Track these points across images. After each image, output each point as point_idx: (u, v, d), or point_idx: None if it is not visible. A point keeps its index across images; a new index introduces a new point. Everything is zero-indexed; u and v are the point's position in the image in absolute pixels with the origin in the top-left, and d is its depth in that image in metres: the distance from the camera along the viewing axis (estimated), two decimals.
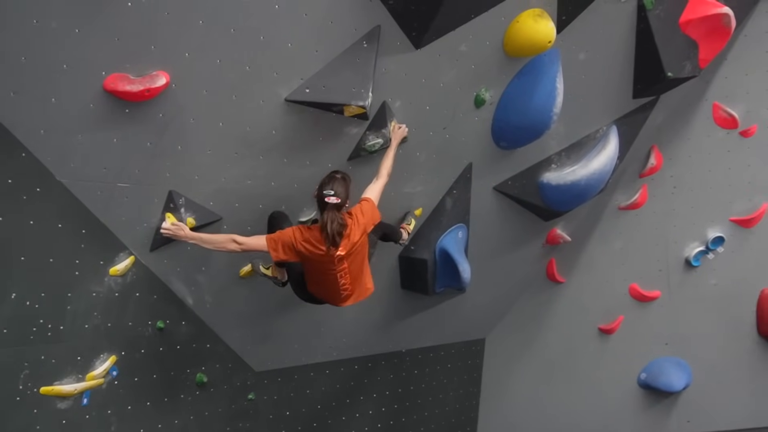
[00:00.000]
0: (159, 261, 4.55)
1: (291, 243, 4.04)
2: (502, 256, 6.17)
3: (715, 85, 6.13)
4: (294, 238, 4.05)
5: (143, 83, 3.80)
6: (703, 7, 5.32)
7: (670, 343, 6.82)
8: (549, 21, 4.71)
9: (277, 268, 4.73)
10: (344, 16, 4.17)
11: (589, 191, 5.75)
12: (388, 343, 6.18)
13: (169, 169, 4.22)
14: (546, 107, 5.07)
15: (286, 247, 4.05)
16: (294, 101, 4.26)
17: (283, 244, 4.05)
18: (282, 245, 4.05)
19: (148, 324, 4.70)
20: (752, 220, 6.48)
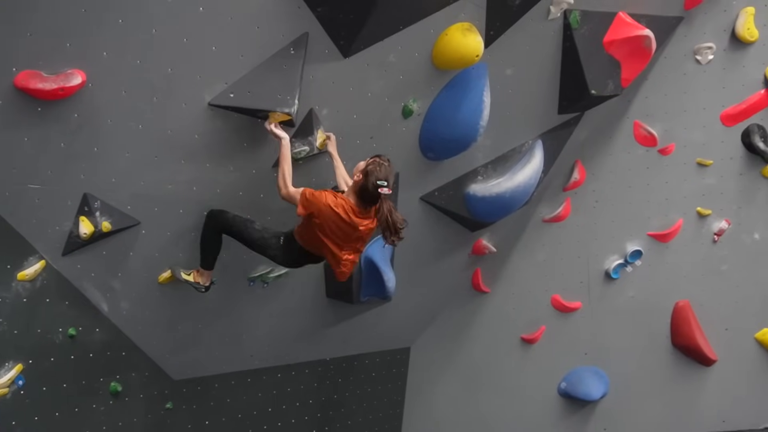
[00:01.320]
0: (72, 266, 4.37)
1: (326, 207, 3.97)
2: (428, 266, 6.20)
3: (637, 104, 6.34)
4: (330, 203, 3.99)
5: (57, 81, 3.65)
6: (626, 28, 5.50)
7: (589, 353, 6.99)
8: (477, 35, 4.77)
9: (200, 273, 4.60)
10: (271, 22, 4.12)
11: (514, 203, 5.84)
12: (312, 352, 6.12)
13: (84, 171, 4.07)
14: (473, 120, 5.13)
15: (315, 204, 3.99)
16: (218, 106, 4.18)
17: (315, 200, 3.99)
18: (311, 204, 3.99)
19: (58, 331, 4.50)
20: (668, 235, 6.72)
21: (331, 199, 4.03)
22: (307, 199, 4.02)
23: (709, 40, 6.24)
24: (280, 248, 4.32)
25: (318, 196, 4.02)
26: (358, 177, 4.04)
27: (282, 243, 4.32)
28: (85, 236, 4.20)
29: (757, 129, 6.46)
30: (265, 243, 4.33)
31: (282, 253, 4.34)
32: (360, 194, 4.03)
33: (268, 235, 4.35)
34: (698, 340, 6.86)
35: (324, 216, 4.01)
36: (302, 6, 4.17)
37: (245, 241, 4.40)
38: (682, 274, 6.84)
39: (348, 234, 4.11)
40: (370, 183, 3.95)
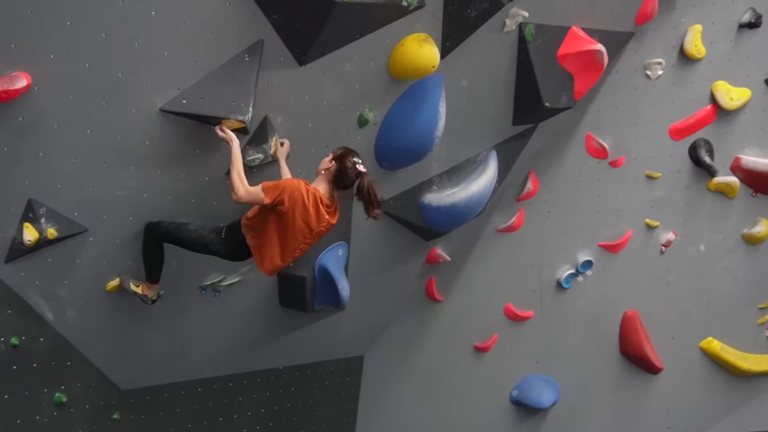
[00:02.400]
0: (15, 273, 4.24)
1: (298, 191, 3.99)
2: (382, 274, 6.20)
3: (589, 116, 6.45)
4: (302, 189, 4.01)
5: (0, 84, 3.54)
6: (578, 42, 5.59)
7: (540, 361, 7.08)
8: (433, 46, 4.80)
9: (148, 286, 4.53)
10: (225, 28, 4.07)
11: (468, 213, 5.89)
12: (264, 360, 6.05)
13: (29, 176, 3.95)
14: (428, 130, 5.16)
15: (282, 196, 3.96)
16: (170, 111, 4.10)
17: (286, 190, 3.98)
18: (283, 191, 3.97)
19: (0, 340, 4.36)
20: (618, 245, 6.85)
21: (304, 185, 4.08)
22: (278, 186, 4.01)
23: (659, 55, 6.39)
24: (222, 241, 4.28)
25: (289, 181, 4.06)
26: (330, 164, 4.17)
27: (224, 235, 4.28)
28: (30, 243, 4.08)
29: (703, 143, 6.65)
30: (205, 240, 4.29)
31: (225, 246, 4.29)
32: (337, 179, 4.17)
33: (205, 232, 4.31)
34: (645, 348, 7.02)
35: (295, 201, 4.00)
36: (257, 13, 4.13)
37: (185, 244, 4.36)
38: (630, 284, 6.98)
39: (310, 227, 4.13)
40: (348, 163, 4.14)
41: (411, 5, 4.53)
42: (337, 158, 4.18)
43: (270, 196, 3.98)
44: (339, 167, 4.16)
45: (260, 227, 4.17)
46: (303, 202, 4.04)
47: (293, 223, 4.09)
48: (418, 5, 4.60)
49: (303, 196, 4.04)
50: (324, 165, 4.23)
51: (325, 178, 4.22)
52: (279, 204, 4.00)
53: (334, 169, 4.18)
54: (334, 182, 4.20)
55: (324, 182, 4.22)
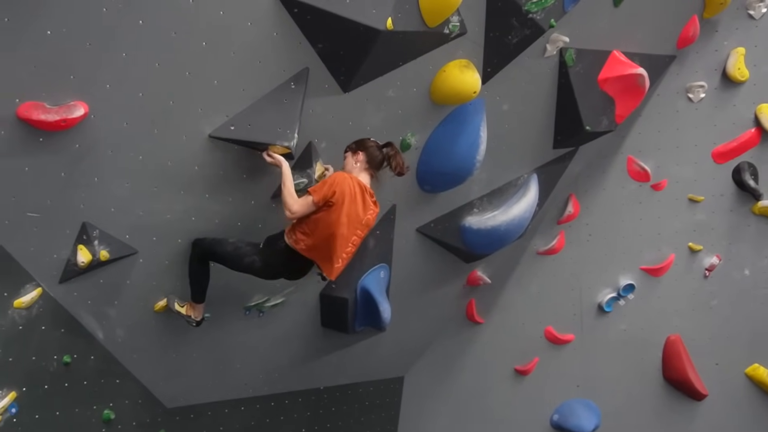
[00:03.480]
0: (68, 294, 4.38)
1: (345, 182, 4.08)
2: (423, 296, 6.23)
3: (630, 139, 6.43)
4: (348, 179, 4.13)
5: (60, 113, 3.68)
6: (619, 66, 5.60)
7: (581, 385, 6.99)
8: (475, 72, 4.85)
9: (192, 306, 4.63)
10: (273, 57, 4.18)
11: (508, 236, 5.89)
12: (305, 380, 6.11)
13: (84, 200, 4.10)
14: (469, 154, 5.20)
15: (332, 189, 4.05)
16: (218, 138, 4.22)
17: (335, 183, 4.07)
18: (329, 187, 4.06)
19: (53, 359, 4.49)
20: (661, 269, 6.77)
21: (348, 175, 4.19)
22: (324, 183, 4.09)
23: (701, 78, 6.35)
24: (258, 252, 4.29)
25: (335, 175, 4.14)
26: (356, 156, 4.29)
27: (262, 246, 4.31)
28: (83, 265, 4.21)
29: (747, 167, 6.55)
30: (239, 252, 4.31)
31: (261, 258, 4.29)
32: (371, 164, 4.28)
33: (242, 244, 4.35)
34: (689, 374, 6.88)
35: (343, 192, 4.06)
36: (303, 42, 4.23)
37: (222, 257, 4.38)
38: (673, 308, 6.87)
39: (360, 215, 4.18)
40: (369, 144, 4.31)
41: (453, 33, 4.60)
42: (357, 144, 4.31)
43: (319, 194, 4.05)
44: (364, 153, 4.27)
45: (308, 228, 4.19)
46: (351, 191, 4.11)
47: (342, 214, 4.10)
48: (460, 32, 4.67)
49: (350, 186, 4.12)
50: (350, 163, 4.33)
51: (360, 168, 4.30)
52: (329, 197, 4.05)
53: (362, 157, 4.29)
54: (370, 166, 4.31)
55: (362, 172, 4.31)
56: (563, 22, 5.16)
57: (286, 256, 4.28)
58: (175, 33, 3.83)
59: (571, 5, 5.08)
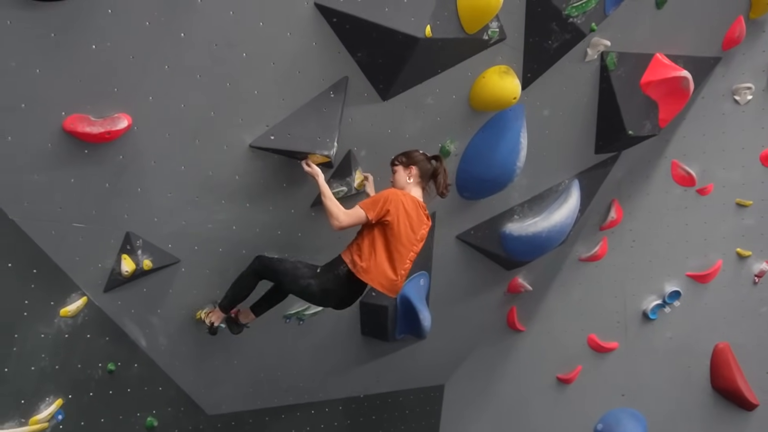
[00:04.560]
0: (112, 302, 4.44)
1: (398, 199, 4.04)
2: (463, 304, 6.18)
3: (674, 143, 6.31)
4: (401, 195, 4.08)
5: (104, 125, 3.75)
6: (662, 69, 5.49)
7: (626, 395, 6.87)
8: (514, 78, 4.80)
9: (216, 313, 4.57)
10: (312, 67, 4.19)
11: (550, 243, 5.82)
12: (345, 388, 6.11)
13: (128, 210, 4.16)
14: (510, 161, 5.15)
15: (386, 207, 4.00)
16: (258, 147, 4.25)
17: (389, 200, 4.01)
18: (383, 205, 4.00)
19: (98, 366, 4.57)
20: (707, 276, 6.61)
21: (400, 192, 4.14)
22: (378, 200, 4.03)
23: (748, 80, 6.21)
24: (315, 276, 4.17)
25: (388, 192, 4.08)
26: (411, 169, 4.22)
27: (320, 271, 4.20)
28: (127, 274, 4.27)
29: None
30: (297, 272, 4.21)
31: (317, 282, 4.16)
32: (423, 177, 4.23)
33: (300, 264, 4.26)
34: (739, 383, 6.70)
35: (398, 209, 4.01)
36: (342, 51, 4.24)
37: (278, 274, 4.29)
38: (721, 315, 6.71)
39: (415, 231, 4.12)
40: (418, 157, 4.23)
41: (492, 39, 4.57)
42: (409, 162, 4.23)
43: (373, 211, 3.98)
44: (416, 167, 4.20)
45: (364, 250, 4.11)
46: (404, 208, 4.05)
47: (399, 232, 4.04)
48: (499, 38, 4.62)
49: (403, 203, 4.06)
50: (403, 177, 4.24)
51: (413, 183, 4.23)
52: (383, 216, 4.00)
53: (415, 171, 4.22)
54: (423, 179, 4.24)
55: (414, 187, 4.24)
56: (604, 26, 5.09)
57: (345, 282, 4.16)
58: (216, 45, 3.87)
59: (612, 8, 5.00)
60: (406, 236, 4.08)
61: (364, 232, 4.12)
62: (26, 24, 3.39)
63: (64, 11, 3.43)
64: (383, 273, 4.10)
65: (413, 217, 4.09)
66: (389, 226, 4.03)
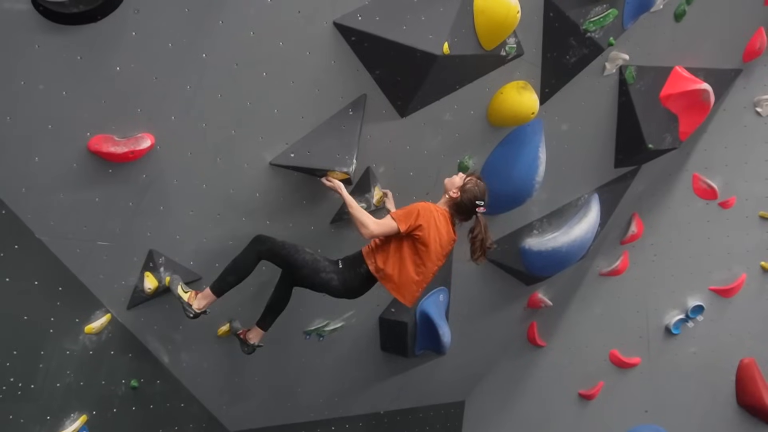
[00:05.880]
0: (136, 319, 4.50)
1: (431, 214, 4.03)
2: (483, 319, 6.16)
3: (695, 156, 6.27)
4: (433, 210, 4.07)
5: (128, 145, 3.81)
6: (682, 82, 5.48)
7: (650, 411, 6.78)
8: (532, 93, 4.81)
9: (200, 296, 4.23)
10: (331, 85, 4.24)
11: (570, 258, 5.79)
12: (366, 405, 6.11)
13: (150, 228, 4.21)
14: (528, 176, 5.14)
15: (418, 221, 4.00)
16: (279, 165, 4.29)
17: (421, 214, 4.00)
18: (418, 216, 4.00)
19: (121, 383, 4.62)
20: (731, 290, 6.54)
21: (433, 205, 4.13)
22: (411, 212, 4.02)
23: None
24: (337, 272, 4.15)
25: (421, 205, 4.06)
26: (456, 193, 4.18)
27: (342, 266, 4.18)
28: (150, 291, 4.32)
29: None
30: (319, 265, 4.14)
31: (340, 278, 4.14)
32: (456, 209, 4.19)
33: (320, 257, 4.18)
34: (765, 399, 6.60)
35: (429, 224, 4.02)
36: (361, 69, 4.28)
37: (297, 264, 4.15)
38: (746, 330, 6.62)
39: (443, 247, 4.14)
40: (468, 199, 4.14)
41: (509, 54, 4.58)
42: (463, 190, 4.17)
43: (405, 223, 3.99)
44: (461, 199, 4.16)
45: (390, 257, 4.12)
46: (436, 223, 4.07)
47: (429, 246, 4.06)
48: (517, 54, 4.64)
49: (435, 218, 4.07)
50: (452, 189, 4.22)
51: (448, 202, 4.23)
52: (415, 229, 4.01)
53: (457, 198, 4.19)
54: (454, 210, 4.23)
55: (446, 206, 4.24)
56: (622, 40, 5.09)
57: (366, 281, 4.23)
58: (236, 65, 3.93)
59: (630, 22, 5.00)
60: (435, 251, 4.11)
61: (392, 239, 4.13)
62: (53, 48, 3.47)
63: (90, 35, 3.50)
64: (407, 285, 4.15)
65: (443, 234, 4.11)
66: (420, 240, 4.05)
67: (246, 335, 4.65)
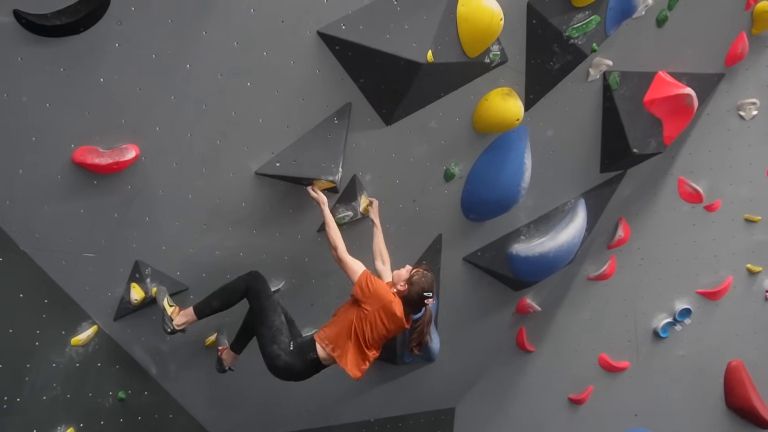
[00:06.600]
0: (123, 330, 4.48)
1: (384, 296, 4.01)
2: (472, 326, 6.17)
3: (680, 160, 6.31)
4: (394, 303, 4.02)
5: (112, 156, 3.80)
6: (666, 87, 5.52)
7: (639, 414, 6.81)
8: (517, 100, 4.84)
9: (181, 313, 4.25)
10: (315, 94, 4.24)
11: (557, 263, 5.81)
12: (356, 413, 6.10)
13: (136, 239, 4.20)
14: (514, 182, 5.17)
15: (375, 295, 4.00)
16: (264, 174, 4.29)
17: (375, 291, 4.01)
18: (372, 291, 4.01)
19: (109, 395, 4.60)
20: (718, 292, 6.58)
21: (392, 297, 4.04)
22: (368, 290, 4.01)
23: (753, 95, 6.22)
24: (288, 353, 4.12)
25: (380, 290, 4.03)
26: (403, 287, 4.10)
27: (293, 349, 4.14)
28: (136, 302, 4.31)
29: None
30: (278, 337, 4.14)
31: (286, 359, 4.11)
32: (405, 302, 4.10)
33: (285, 331, 4.18)
34: (753, 401, 6.66)
35: (381, 311, 4.00)
36: (345, 77, 4.29)
37: (263, 320, 4.18)
38: (733, 332, 6.68)
39: (390, 333, 4.12)
40: (416, 293, 4.06)
41: (494, 61, 4.61)
42: (410, 283, 4.09)
43: (362, 293, 4.01)
44: (408, 293, 4.08)
45: (339, 336, 4.12)
46: (386, 313, 4.01)
47: (375, 325, 4.04)
48: (501, 61, 4.67)
49: (386, 310, 4.01)
50: (399, 280, 4.15)
51: (398, 295, 4.12)
52: (365, 306, 4.02)
53: (405, 292, 4.09)
54: (404, 303, 4.10)
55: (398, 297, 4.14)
56: (605, 46, 5.12)
57: (309, 366, 4.20)
58: (221, 75, 3.93)
59: (613, 28, 5.04)
60: (379, 332, 4.07)
61: (341, 320, 4.14)
62: (36, 60, 3.45)
63: (73, 47, 3.49)
64: (354, 361, 4.16)
65: (388, 327, 4.07)
66: (367, 315, 4.03)
67: (222, 354, 4.66)
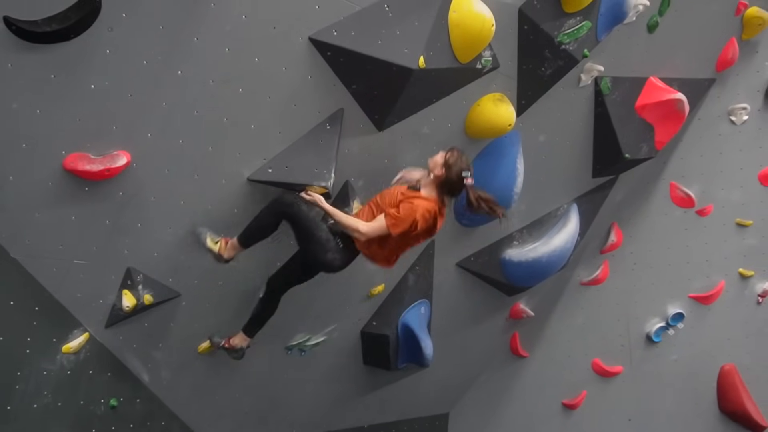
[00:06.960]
0: (114, 337, 4.46)
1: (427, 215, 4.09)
2: (465, 331, 6.17)
3: (672, 165, 6.33)
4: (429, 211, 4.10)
5: (103, 163, 3.79)
6: (657, 92, 5.55)
7: (633, 419, 6.82)
8: (509, 105, 4.86)
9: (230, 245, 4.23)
10: (307, 99, 4.25)
11: (550, 268, 5.82)
12: (349, 419, 6.08)
13: (128, 246, 4.19)
14: (507, 187, 5.17)
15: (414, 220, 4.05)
16: (257, 181, 4.29)
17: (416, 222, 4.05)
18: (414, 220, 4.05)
19: (100, 402, 4.56)
20: (710, 297, 6.60)
21: (423, 205, 4.10)
22: (406, 219, 4.05)
23: (743, 100, 6.25)
24: (340, 251, 4.20)
25: (410, 208, 4.06)
26: (440, 171, 4.15)
27: (342, 246, 4.21)
28: (128, 309, 4.29)
29: None
30: (329, 244, 4.16)
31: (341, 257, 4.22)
32: (444, 187, 4.18)
33: (330, 236, 4.18)
34: (746, 405, 6.67)
35: (423, 224, 4.11)
36: (337, 83, 4.30)
37: (307, 236, 4.17)
38: (726, 336, 6.69)
39: (429, 234, 4.29)
40: (455, 174, 4.12)
41: (485, 67, 4.62)
42: (447, 166, 4.14)
43: (400, 227, 4.06)
44: (447, 175, 4.14)
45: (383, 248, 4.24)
46: (427, 221, 4.14)
47: (416, 237, 4.24)
48: (492, 67, 4.68)
49: (426, 218, 4.11)
50: (436, 168, 4.18)
51: (433, 183, 4.20)
52: (410, 231, 4.10)
53: (443, 176, 4.16)
54: (443, 189, 4.20)
55: (433, 187, 4.21)
56: (597, 51, 5.15)
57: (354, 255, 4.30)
58: (212, 81, 3.93)
59: (604, 34, 5.06)
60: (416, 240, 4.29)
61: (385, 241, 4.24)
62: (27, 67, 3.45)
63: (64, 53, 3.49)
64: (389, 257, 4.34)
65: (432, 226, 4.22)
66: (412, 235, 4.17)
67: (231, 343, 4.61)
